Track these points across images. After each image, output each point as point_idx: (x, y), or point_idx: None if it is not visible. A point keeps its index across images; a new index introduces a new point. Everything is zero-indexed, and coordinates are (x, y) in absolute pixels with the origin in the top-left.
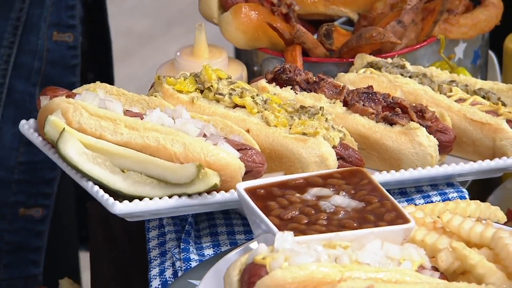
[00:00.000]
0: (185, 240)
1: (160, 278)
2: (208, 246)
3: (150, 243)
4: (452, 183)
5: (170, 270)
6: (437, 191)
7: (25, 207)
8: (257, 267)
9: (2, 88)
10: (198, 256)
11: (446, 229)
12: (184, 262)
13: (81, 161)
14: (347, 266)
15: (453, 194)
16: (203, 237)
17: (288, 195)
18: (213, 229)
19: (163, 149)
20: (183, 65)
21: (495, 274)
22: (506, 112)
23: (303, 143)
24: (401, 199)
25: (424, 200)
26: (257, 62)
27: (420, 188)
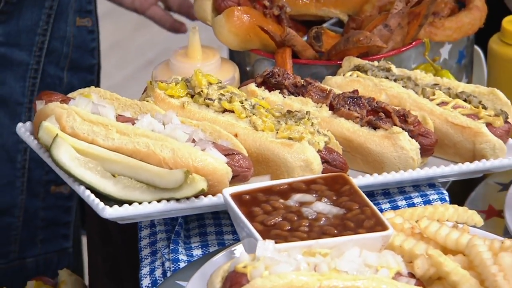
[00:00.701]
0: (175, 241)
1: (150, 277)
2: (197, 247)
3: (142, 242)
4: (433, 184)
5: (160, 269)
6: (419, 193)
7: (55, 185)
8: (238, 276)
9: (36, 74)
10: (187, 257)
11: (423, 235)
12: (173, 263)
13: (73, 166)
14: (326, 274)
15: (434, 196)
16: (192, 237)
17: (272, 200)
18: (202, 229)
19: (153, 155)
20: (177, 66)
21: (469, 281)
22: (486, 115)
23: (289, 148)
24: (384, 200)
25: (406, 201)
26: (249, 62)
27: (402, 189)
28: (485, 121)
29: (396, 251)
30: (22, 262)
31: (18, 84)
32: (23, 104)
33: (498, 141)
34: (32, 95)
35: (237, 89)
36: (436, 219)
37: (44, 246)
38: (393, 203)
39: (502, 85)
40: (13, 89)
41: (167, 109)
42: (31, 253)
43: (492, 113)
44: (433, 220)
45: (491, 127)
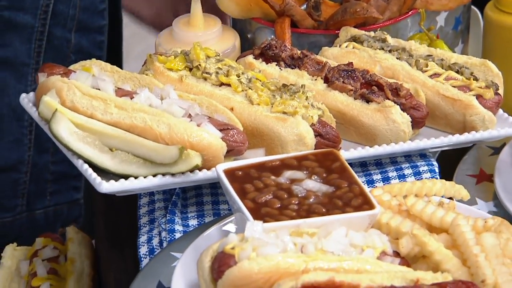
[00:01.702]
0: (171, 211)
1: (148, 245)
2: (193, 217)
3: (141, 210)
4: (424, 154)
5: (157, 238)
6: (409, 164)
7: None
8: (227, 257)
9: (42, 36)
10: (183, 227)
11: (410, 212)
12: (169, 233)
13: (71, 140)
14: (312, 255)
15: (424, 167)
16: (189, 206)
17: (264, 177)
18: (199, 198)
19: (150, 130)
20: (180, 35)
21: (451, 260)
22: (477, 87)
23: (283, 122)
24: (376, 171)
25: (396, 172)
26: (250, 30)
27: (394, 159)
28: (476, 93)
29: (383, 228)
30: (30, 214)
31: (24, 46)
32: (30, 66)
33: (488, 113)
34: (39, 57)
35: (235, 61)
36: (424, 194)
37: (53, 198)
38: (384, 174)
39: (497, 51)
40: (19, 51)
41: (166, 82)
42: (40, 205)
43: (483, 85)
44: (421, 194)
45: (482, 99)
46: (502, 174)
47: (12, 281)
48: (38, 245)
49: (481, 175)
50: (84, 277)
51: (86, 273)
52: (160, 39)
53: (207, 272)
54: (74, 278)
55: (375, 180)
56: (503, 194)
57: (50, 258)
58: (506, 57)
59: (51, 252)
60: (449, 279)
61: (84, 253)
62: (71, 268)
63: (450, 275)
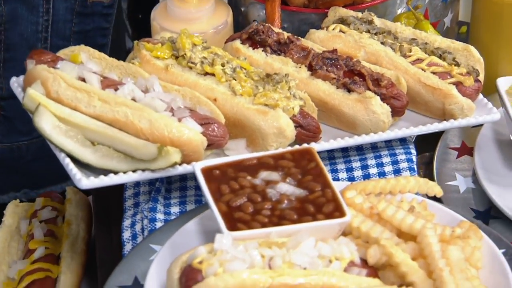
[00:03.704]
0: (154, 199)
1: (131, 230)
2: (175, 204)
3: (127, 192)
4: (404, 139)
5: (139, 224)
6: (388, 151)
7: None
8: (194, 271)
9: None
10: (164, 215)
11: (381, 216)
12: (150, 222)
13: (54, 134)
14: (278, 271)
15: (402, 156)
16: (173, 191)
17: (240, 177)
18: (183, 183)
19: (131, 124)
20: (174, 11)
21: (417, 273)
22: (458, 74)
23: (263, 115)
24: (356, 158)
25: (375, 160)
26: (244, 4)
27: (374, 144)
28: (456, 80)
29: (354, 232)
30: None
31: None
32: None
33: (467, 101)
34: None
35: (222, 47)
36: (398, 191)
37: None
38: (364, 162)
39: (484, 23)
40: None
41: (152, 71)
42: None
43: (464, 71)
44: (395, 192)
45: (462, 86)
46: (482, 150)
47: (12, 239)
48: (38, 205)
49: (463, 148)
50: (78, 241)
51: (80, 237)
52: (154, 12)
53: (176, 284)
54: (69, 242)
55: (354, 168)
56: (481, 172)
57: (48, 220)
58: (493, 30)
59: (49, 214)
60: None
61: (80, 216)
62: (67, 231)
63: None
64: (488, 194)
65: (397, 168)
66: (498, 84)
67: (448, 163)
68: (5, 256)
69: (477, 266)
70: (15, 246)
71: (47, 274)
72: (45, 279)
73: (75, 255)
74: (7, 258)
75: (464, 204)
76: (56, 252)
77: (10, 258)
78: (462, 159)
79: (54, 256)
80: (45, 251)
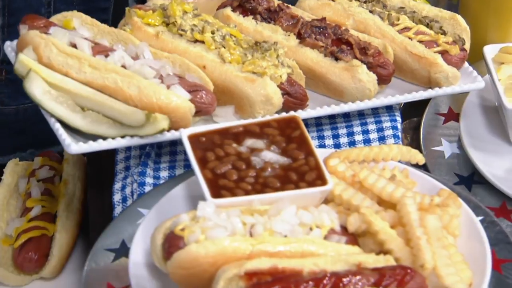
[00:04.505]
0: (144, 163)
1: (121, 193)
2: (165, 168)
3: (118, 156)
4: (390, 106)
5: (129, 188)
6: (374, 118)
7: None
8: (176, 238)
9: None
10: (153, 179)
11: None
12: (139, 186)
13: (44, 99)
14: (258, 238)
15: (387, 123)
16: (163, 156)
17: (226, 145)
18: (173, 147)
19: (121, 91)
20: None
21: (395, 241)
22: (444, 42)
23: (251, 83)
24: (342, 124)
25: (361, 127)
26: None
27: (361, 111)
28: (442, 48)
29: (336, 199)
30: None
31: None
32: None
33: (452, 69)
34: None
35: (213, 15)
36: (381, 159)
37: None
38: (350, 129)
39: None
40: None
41: (143, 38)
42: None
43: (450, 40)
44: (378, 159)
45: (448, 55)
46: (468, 116)
47: (11, 197)
48: (36, 164)
49: (450, 114)
50: (74, 201)
51: (76, 197)
52: None
53: (159, 249)
54: (65, 201)
55: (340, 134)
56: (466, 138)
57: (45, 179)
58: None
59: (46, 173)
60: (391, 262)
61: (77, 176)
62: (63, 190)
63: (392, 257)
64: (471, 160)
65: (382, 135)
66: (484, 51)
67: (435, 129)
68: (4, 214)
69: (455, 234)
70: (13, 203)
71: (43, 232)
72: (41, 237)
73: (70, 214)
74: (6, 215)
75: (449, 169)
76: (52, 210)
77: (8, 216)
78: (449, 125)
79: (51, 214)
80: (42, 210)
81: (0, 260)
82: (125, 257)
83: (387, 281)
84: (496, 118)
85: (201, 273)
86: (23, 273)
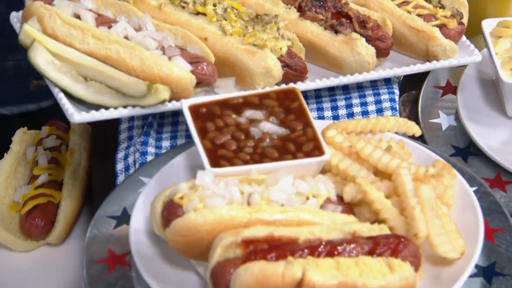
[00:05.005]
0: (146, 133)
1: (124, 162)
2: (167, 138)
3: (122, 125)
4: (389, 78)
5: (132, 156)
6: (372, 91)
7: None
8: (175, 206)
9: None
10: (155, 149)
11: (359, 155)
12: (142, 155)
13: (48, 69)
14: (256, 207)
15: (385, 96)
16: (165, 126)
17: (225, 115)
18: (175, 118)
19: (123, 62)
20: None
21: (390, 210)
22: (442, 16)
23: (252, 55)
24: (341, 97)
25: (360, 99)
26: None
27: (360, 84)
28: (440, 22)
29: (333, 170)
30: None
31: None
32: None
33: (450, 43)
34: None
35: None
36: (378, 130)
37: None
38: (348, 101)
39: None
40: None
41: (146, 10)
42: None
43: (449, 14)
44: (375, 131)
45: (445, 28)
46: (465, 89)
47: (19, 165)
48: (44, 133)
49: (447, 87)
50: (80, 169)
51: (82, 165)
52: None
53: (158, 217)
54: (71, 170)
55: (339, 106)
56: (463, 110)
57: (52, 147)
58: None
59: (54, 142)
60: (385, 231)
61: (83, 145)
62: (70, 159)
63: (386, 226)
64: (468, 132)
65: (380, 108)
66: (483, 25)
67: (433, 102)
68: (12, 181)
69: (449, 204)
70: (21, 171)
71: (50, 200)
72: (47, 204)
73: (76, 182)
74: (14, 182)
75: (446, 141)
76: (59, 178)
77: (16, 183)
78: (447, 98)
79: (57, 182)
80: (48, 178)
81: (8, 225)
82: (126, 224)
83: (381, 250)
84: (493, 91)
85: (199, 241)
86: (29, 239)
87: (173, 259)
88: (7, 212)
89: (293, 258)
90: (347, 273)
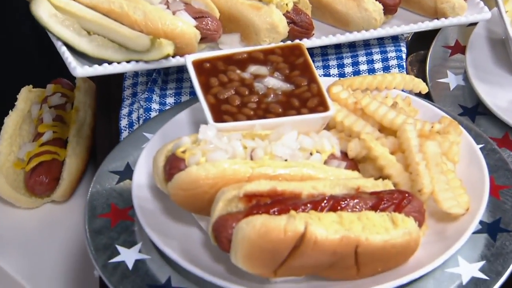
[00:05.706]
0: (150, 89)
1: (128, 118)
2: (171, 94)
3: (126, 82)
4: (396, 36)
5: (136, 113)
6: (379, 48)
7: None
8: (177, 160)
9: None
10: (159, 105)
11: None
12: (145, 111)
13: (51, 22)
14: (258, 162)
15: (392, 53)
16: (169, 83)
17: (229, 71)
18: (180, 74)
19: (126, 16)
20: None
21: (394, 166)
22: None
23: (257, 11)
24: (348, 54)
25: (366, 57)
26: None
27: (367, 41)
28: None
29: (338, 126)
30: None
31: None
32: None
33: (459, 0)
34: None
35: None
36: (384, 87)
37: None
38: (355, 58)
39: None
40: None
41: None
42: None
43: None
44: (381, 88)
45: None
46: (474, 48)
47: (24, 123)
48: (48, 91)
49: (456, 47)
50: (85, 127)
51: (87, 123)
52: None
53: (161, 171)
54: (76, 127)
55: (345, 64)
56: (471, 69)
57: (57, 105)
58: None
59: (58, 100)
60: (389, 187)
61: (88, 103)
62: (74, 117)
63: (390, 182)
64: (476, 91)
65: (386, 65)
66: None
67: (441, 61)
68: (16, 138)
69: (454, 160)
70: (26, 129)
71: (54, 157)
72: (52, 161)
73: (81, 140)
74: (18, 140)
75: (453, 101)
76: (63, 136)
77: (21, 140)
78: (455, 57)
79: (62, 140)
80: (53, 135)
81: (12, 183)
82: (129, 180)
83: (384, 205)
84: (502, 50)
85: (201, 195)
86: (34, 196)
87: (175, 214)
88: (11, 169)
89: (296, 212)
90: (349, 228)
